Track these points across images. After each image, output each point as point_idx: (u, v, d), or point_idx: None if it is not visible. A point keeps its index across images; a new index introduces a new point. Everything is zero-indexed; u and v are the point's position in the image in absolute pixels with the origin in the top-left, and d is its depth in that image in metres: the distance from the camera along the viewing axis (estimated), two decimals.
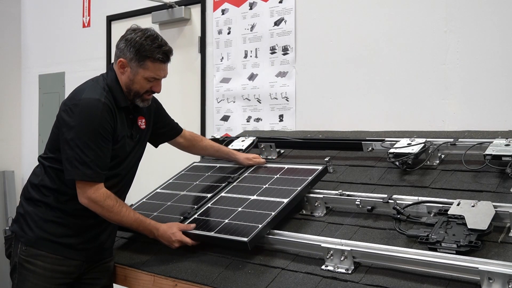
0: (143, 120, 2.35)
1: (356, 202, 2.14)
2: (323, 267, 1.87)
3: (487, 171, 2.14)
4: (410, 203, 2.03)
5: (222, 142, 3.03)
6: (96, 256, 2.30)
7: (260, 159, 2.71)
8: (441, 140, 2.38)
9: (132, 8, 4.63)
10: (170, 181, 2.80)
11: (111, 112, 2.16)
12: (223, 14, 3.93)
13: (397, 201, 2.04)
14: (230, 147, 2.92)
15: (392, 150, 2.39)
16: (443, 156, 2.37)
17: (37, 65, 5.66)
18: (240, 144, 2.98)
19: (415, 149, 2.33)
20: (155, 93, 2.31)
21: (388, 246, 1.82)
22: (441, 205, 1.95)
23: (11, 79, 5.78)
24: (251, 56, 3.76)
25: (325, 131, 3.12)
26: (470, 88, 2.82)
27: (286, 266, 1.96)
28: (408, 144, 2.38)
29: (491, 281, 1.54)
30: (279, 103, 3.60)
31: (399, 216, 1.98)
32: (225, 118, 3.93)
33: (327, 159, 2.54)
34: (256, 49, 3.73)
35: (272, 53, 3.63)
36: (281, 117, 3.60)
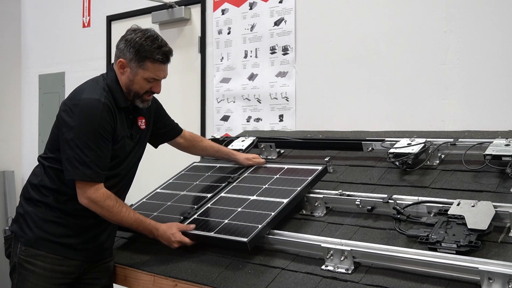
0: (143, 120, 2.35)
1: (356, 202, 2.14)
2: (323, 267, 1.87)
3: (487, 171, 2.14)
4: (410, 203, 2.03)
5: (222, 142, 3.03)
6: (96, 256, 2.30)
7: (260, 159, 2.70)
8: (441, 140, 2.38)
9: (132, 8, 4.63)
10: (170, 181, 2.80)
11: (111, 112, 2.15)
12: (223, 14, 3.93)
13: (397, 201, 2.04)
14: (230, 147, 2.92)
15: (392, 150, 2.39)
16: (443, 156, 2.37)
17: (37, 65, 5.66)
18: (240, 144, 2.98)
19: (415, 149, 2.33)
20: (155, 94, 2.31)
21: (388, 246, 1.82)
22: (441, 205, 1.95)
23: (11, 79, 5.78)
24: (251, 56, 3.76)
25: (325, 131, 3.12)
26: (470, 88, 2.82)
27: (286, 266, 1.96)
28: (408, 144, 2.38)
29: (491, 281, 1.54)
30: (279, 103, 3.60)
31: (399, 216, 1.98)
32: (225, 118, 3.92)
33: (327, 159, 2.54)
34: (256, 49, 3.73)
35: (272, 53, 3.63)
36: (281, 117, 3.60)
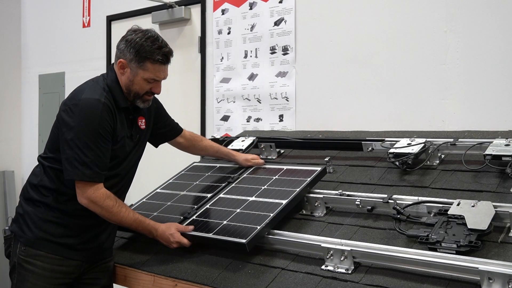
0: (143, 120, 2.35)
1: (356, 202, 2.14)
2: (323, 267, 1.87)
3: (487, 171, 2.14)
4: (410, 203, 2.03)
5: (222, 142, 3.03)
6: (96, 256, 2.30)
7: (259, 160, 2.70)
8: (441, 140, 2.38)
9: (132, 8, 4.63)
10: (170, 181, 2.80)
11: (111, 112, 2.15)
12: (223, 14, 3.93)
13: (397, 201, 2.04)
14: (230, 147, 2.92)
15: (392, 150, 2.38)
16: (443, 156, 2.37)
17: (37, 65, 5.65)
18: (240, 144, 2.97)
19: (415, 149, 2.33)
20: (155, 94, 2.31)
21: (388, 246, 1.82)
22: (441, 205, 1.95)
23: (11, 79, 5.78)
24: (251, 56, 3.76)
25: (325, 131, 3.11)
26: (470, 88, 2.82)
27: (286, 266, 1.96)
28: (408, 144, 2.38)
29: (491, 281, 1.54)
30: (279, 103, 3.60)
31: (399, 216, 1.98)
32: (225, 118, 3.92)
33: (327, 159, 2.54)
34: (256, 49, 3.73)
35: (272, 53, 3.63)
36: (281, 117, 3.60)
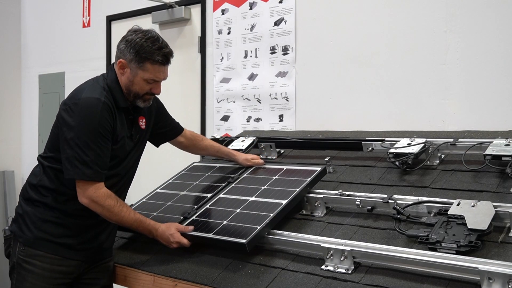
0: (144, 120, 2.35)
1: (356, 202, 2.14)
2: (323, 267, 1.87)
3: (487, 171, 2.14)
4: (410, 203, 2.03)
5: (222, 142, 3.03)
6: (96, 256, 2.30)
7: (259, 160, 2.70)
8: (441, 140, 2.38)
9: (132, 8, 4.63)
10: (170, 181, 2.80)
11: (111, 112, 2.15)
12: (223, 14, 3.93)
13: (397, 201, 2.04)
14: (230, 147, 2.92)
15: (392, 150, 2.38)
16: (443, 156, 2.37)
17: (37, 65, 5.65)
18: (240, 144, 2.97)
19: (415, 149, 2.33)
20: (155, 95, 2.31)
21: (388, 246, 1.82)
22: (441, 205, 1.95)
23: (11, 79, 5.78)
24: (251, 56, 3.76)
25: (325, 131, 3.11)
26: (470, 88, 2.82)
27: (286, 266, 1.95)
28: (408, 144, 2.38)
29: (491, 281, 1.54)
30: (279, 103, 3.60)
31: (399, 216, 1.98)
32: (225, 118, 3.92)
33: (327, 159, 2.54)
34: (256, 49, 3.73)
35: (272, 53, 3.63)
36: (281, 117, 3.60)
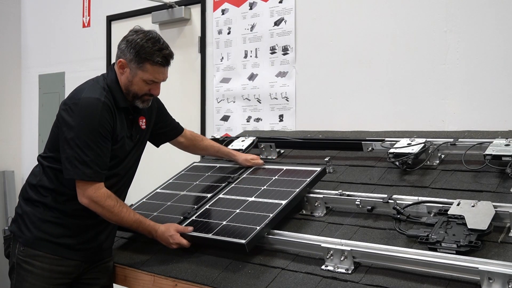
0: (144, 120, 2.35)
1: (356, 202, 2.14)
2: (323, 267, 1.87)
3: (487, 171, 2.14)
4: (410, 203, 2.03)
5: (222, 142, 3.03)
6: (95, 257, 2.30)
7: (259, 161, 2.70)
8: (441, 140, 2.38)
9: (132, 8, 4.63)
10: (170, 181, 2.80)
11: (111, 112, 2.15)
12: (223, 14, 3.93)
13: (397, 201, 2.04)
14: (230, 147, 2.92)
15: (392, 150, 2.38)
16: (443, 156, 2.37)
17: (37, 65, 5.65)
18: (240, 144, 2.97)
19: (415, 149, 2.33)
20: (154, 96, 2.30)
21: (388, 246, 1.82)
22: (441, 205, 1.95)
23: (11, 79, 5.78)
24: (251, 56, 3.76)
25: (325, 131, 3.11)
26: (470, 88, 2.82)
27: (286, 266, 1.95)
28: (408, 144, 2.38)
29: (491, 281, 1.54)
30: (279, 103, 3.60)
31: (399, 216, 1.97)
32: (225, 118, 3.92)
33: (327, 159, 2.54)
34: (256, 49, 3.73)
35: (272, 53, 3.63)
36: (281, 117, 3.59)
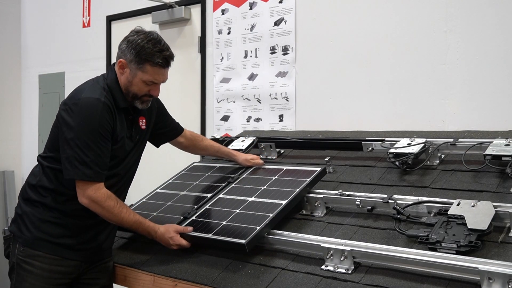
0: (144, 120, 2.35)
1: (356, 202, 2.14)
2: (323, 267, 1.87)
3: (487, 171, 2.14)
4: (410, 203, 2.03)
5: (222, 142, 3.03)
6: (95, 257, 2.30)
7: (259, 161, 2.70)
8: (441, 140, 2.38)
9: (132, 8, 4.63)
10: (170, 181, 2.80)
11: (111, 112, 2.15)
12: (223, 14, 3.93)
13: (397, 201, 2.04)
14: (230, 147, 2.92)
15: (392, 150, 2.38)
16: (443, 156, 2.37)
17: (37, 65, 5.65)
18: (240, 144, 2.97)
19: (415, 149, 2.33)
20: (153, 97, 2.30)
21: (388, 246, 1.82)
22: (441, 205, 1.95)
23: (11, 79, 5.78)
24: (251, 56, 3.76)
25: (325, 131, 3.11)
26: (470, 88, 2.82)
27: (286, 266, 1.95)
28: (408, 144, 2.38)
29: (491, 281, 1.54)
30: (279, 103, 3.60)
31: (399, 216, 1.97)
32: (225, 118, 3.92)
33: (327, 159, 2.54)
34: (256, 49, 3.73)
35: (272, 53, 3.63)
36: (281, 117, 3.59)
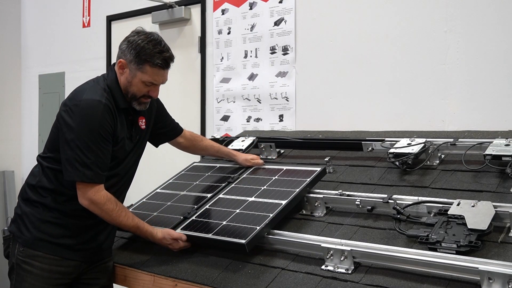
0: (144, 120, 2.35)
1: (356, 202, 2.14)
2: (323, 267, 1.87)
3: (487, 171, 2.14)
4: (410, 203, 2.03)
5: (222, 142, 3.03)
6: (95, 257, 2.30)
7: (259, 161, 2.70)
8: (441, 140, 2.38)
9: (132, 8, 4.63)
10: (170, 181, 2.80)
11: (112, 113, 2.15)
12: (223, 14, 3.93)
13: (397, 201, 2.04)
14: (230, 147, 2.92)
15: (392, 150, 2.38)
16: (443, 156, 2.37)
17: (37, 65, 5.65)
18: (240, 144, 2.97)
19: (415, 149, 2.33)
20: (152, 98, 2.29)
21: (388, 246, 1.82)
22: (441, 205, 1.95)
23: (11, 79, 5.78)
24: (251, 56, 3.76)
25: (325, 131, 3.11)
26: (470, 88, 2.82)
27: (286, 266, 1.95)
28: (408, 144, 2.38)
29: (491, 281, 1.54)
30: (279, 103, 3.60)
31: (399, 216, 1.98)
32: (225, 118, 3.92)
33: (327, 159, 2.54)
34: (256, 49, 3.73)
35: (272, 53, 3.63)
36: (281, 117, 3.59)
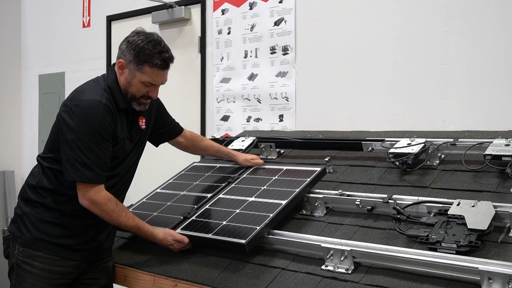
0: (144, 120, 2.35)
1: (356, 202, 2.14)
2: (323, 267, 1.87)
3: (487, 171, 2.14)
4: (410, 203, 2.03)
5: (222, 142, 3.03)
6: (95, 257, 2.30)
7: (259, 161, 2.70)
8: (441, 140, 2.38)
9: (132, 8, 4.63)
10: (170, 181, 2.80)
11: (112, 114, 2.15)
12: (223, 14, 3.93)
13: (397, 201, 2.04)
14: (230, 147, 2.92)
15: (392, 150, 2.38)
16: (443, 156, 2.37)
17: (37, 65, 5.65)
18: (240, 144, 2.97)
19: (415, 149, 2.33)
20: (151, 99, 2.29)
21: (388, 246, 1.82)
22: (441, 205, 1.95)
23: (11, 79, 5.78)
24: (251, 56, 3.76)
25: (325, 131, 3.11)
26: (470, 88, 2.82)
27: (286, 266, 1.96)
28: (408, 144, 2.38)
29: (491, 281, 1.54)
30: (279, 103, 3.60)
31: (399, 216, 1.98)
32: (225, 118, 3.92)
33: (327, 159, 2.54)
34: (256, 49, 3.73)
35: (272, 53, 3.63)
36: (281, 117, 3.59)
